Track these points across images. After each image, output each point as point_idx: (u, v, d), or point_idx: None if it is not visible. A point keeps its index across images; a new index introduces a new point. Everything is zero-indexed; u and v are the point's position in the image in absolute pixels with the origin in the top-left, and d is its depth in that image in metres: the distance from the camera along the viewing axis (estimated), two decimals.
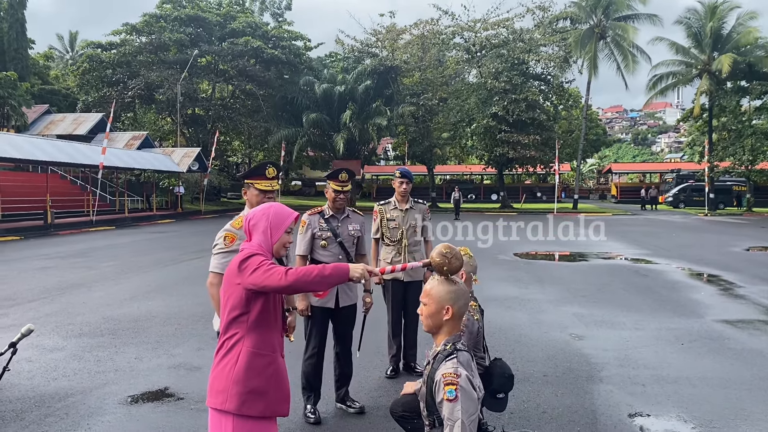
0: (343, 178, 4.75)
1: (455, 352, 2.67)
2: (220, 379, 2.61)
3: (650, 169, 65.67)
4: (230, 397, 2.57)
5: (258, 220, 2.73)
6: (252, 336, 2.62)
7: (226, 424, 2.59)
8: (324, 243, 4.72)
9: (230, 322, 2.65)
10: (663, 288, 10.47)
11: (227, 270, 2.72)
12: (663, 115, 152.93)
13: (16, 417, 4.63)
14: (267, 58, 41.15)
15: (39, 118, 37.74)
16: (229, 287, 2.66)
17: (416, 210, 5.84)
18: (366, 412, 4.75)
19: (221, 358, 2.65)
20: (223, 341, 2.67)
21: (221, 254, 3.68)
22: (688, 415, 4.71)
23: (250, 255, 2.62)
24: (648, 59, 41.79)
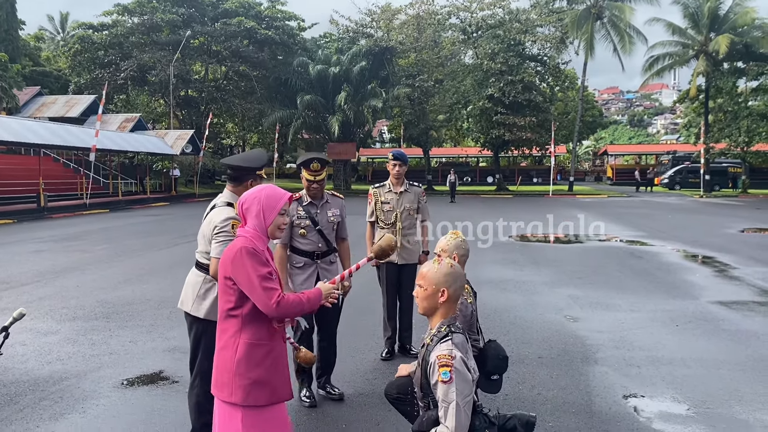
0: (314, 168, 4.60)
1: (450, 334, 2.65)
2: (222, 372, 2.61)
3: (646, 150, 65.65)
4: (234, 389, 2.58)
5: (250, 203, 2.69)
6: (248, 327, 2.61)
7: (235, 416, 2.60)
8: (303, 231, 4.64)
9: (225, 313, 2.64)
10: (658, 270, 10.49)
11: (222, 262, 2.66)
12: (659, 97, 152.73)
13: (10, 401, 4.61)
14: (260, 39, 40.74)
15: (30, 100, 37.37)
16: (221, 280, 2.65)
17: (411, 193, 5.78)
18: (345, 399, 4.71)
19: (220, 349, 2.65)
20: (219, 332, 2.68)
21: (228, 242, 3.50)
22: (682, 396, 4.72)
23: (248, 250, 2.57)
24: (644, 40, 41.56)
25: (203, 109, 42.32)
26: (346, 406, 4.55)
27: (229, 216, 3.53)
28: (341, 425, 4.23)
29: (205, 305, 3.62)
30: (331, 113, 39.28)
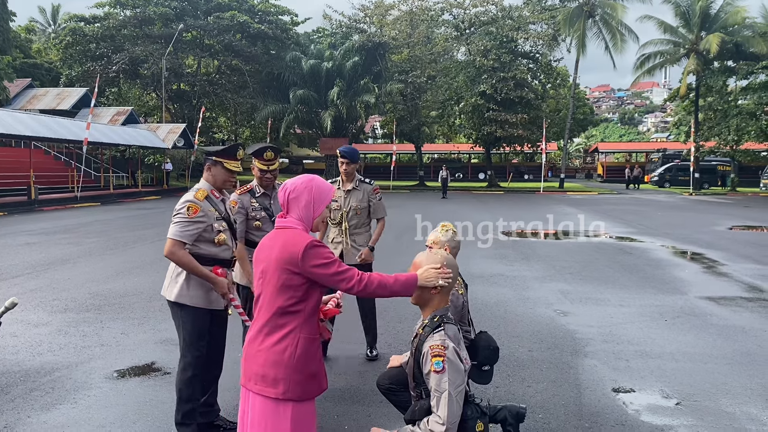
0: (268, 157, 4.51)
1: (443, 325, 2.68)
2: (278, 368, 2.53)
3: (636, 148, 65.97)
4: (292, 385, 2.53)
5: (299, 193, 2.64)
6: (308, 323, 2.60)
7: (285, 412, 2.55)
8: (258, 223, 4.56)
9: (284, 309, 2.56)
10: (648, 266, 10.58)
11: (278, 255, 2.58)
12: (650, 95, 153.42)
13: (1, 391, 4.61)
14: (253, 33, 40.60)
15: (21, 92, 37.09)
16: (277, 272, 2.55)
17: (360, 191, 5.48)
18: (338, 392, 4.76)
19: (273, 345, 2.56)
20: (272, 327, 2.58)
21: (183, 223, 3.64)
22: (670, 390, 4.78)
23: (315, 244, 2.55)
24: (636, 38, 41.68)
25: (195, 103, 42.15)
26: (338, 398, 4.58)
27: (187, 199, 3.69)
28: (333, 416, 4.26)
29: (175, 289, 3.74)
30: (324, 108, 39.25)
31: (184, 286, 3.73)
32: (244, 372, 2.68)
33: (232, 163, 3.82)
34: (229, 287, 3.79)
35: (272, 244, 2.64)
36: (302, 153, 63.31)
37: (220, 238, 3.80)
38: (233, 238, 3.98)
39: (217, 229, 3.79)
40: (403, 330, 6.34)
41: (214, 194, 3.87)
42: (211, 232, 3.77)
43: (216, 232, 3.79)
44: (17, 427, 4.00)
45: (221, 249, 3.84)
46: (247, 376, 2.65)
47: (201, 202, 3.71)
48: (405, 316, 6.83)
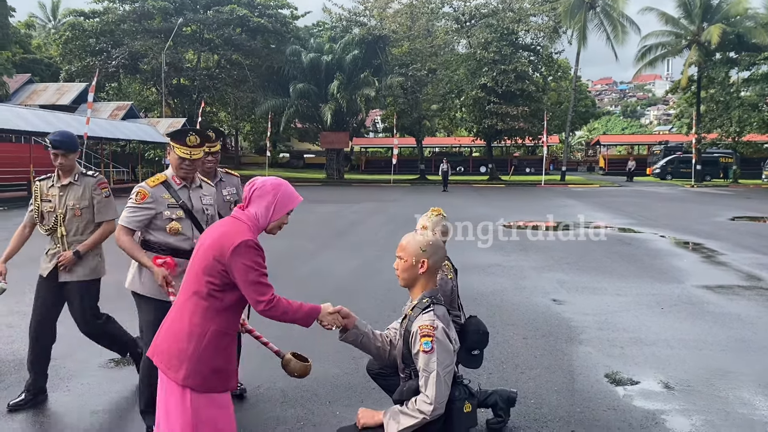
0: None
1: (432, 306, 2.68)
2: (181, 353, 2.47)
3: (638, 141, 65.76)
4: (193, 374, 2.47)
5: (265, 192, 2.59)
6: (222, 315, 2.52)
7: (185, 398, 2.49)
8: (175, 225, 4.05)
9: (199, 293, 2.50)
10: (646, 255, 10.56)
11: (212, 241, 2.54)
12: (652, 88, 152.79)
13: None
14: (253, 27, 40.51)
15: (21, 87, 37.07)
16: (205, 255, 2.51)
17: (81, 186, 4.28)
18: (332, 377, 4.76)
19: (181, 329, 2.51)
20: (182, 309, 2.54)
21: (129, 209, 3.62)
22: (664, 375, 4.78)
23: (251, 245, 2.48)
24: (637, 30, 41.53)
25: (196, 97, 42.11)
26: (332, 385, 4.58)
27: (139, 185, 3.68)
28: (326, 402, 4.26)
29: (129, 277, 3.80)
30: (324, 102, 39.17)
31: (137, 275, 3.70)
32: (154, 343, 2.62)
33: (180, 149, 3.58)
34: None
35: (217, 228, 2.62)
36: (303, 147, 63.31)
37: (172, 227, 3.62)
38: (196, 228, 3.69)
39: (168, 217, 3.60)
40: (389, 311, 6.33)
41: (175, 180, 3.70)
42: (162, 220, 3.60)
43: (167, 219, 3.60)
44: (11, 414, 4.01)
45: (177, 238, 3.64)
46: (153, 348, 2.60)
47: (151, 189, 3.62)
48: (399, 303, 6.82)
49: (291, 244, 11.51)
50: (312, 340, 5.23)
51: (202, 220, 3.75)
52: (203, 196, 3.81)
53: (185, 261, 3.38)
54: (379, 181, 40.30)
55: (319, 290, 7.64)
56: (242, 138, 61.50)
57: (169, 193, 3.64)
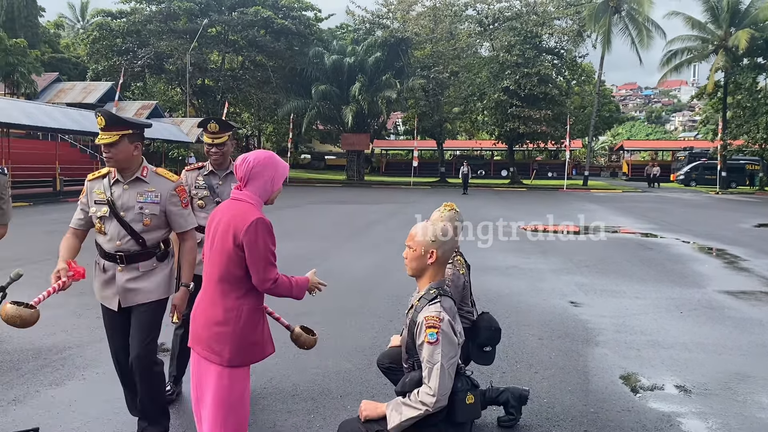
0: (212, 129, 4.10)
1: (439, 297, 2.66)
2: (223, 338, 2.65)
3: (662, 146, 64.92)
4: (236, 353, 2.66)
5: (264, 167, 2.70)
6: (253, 293, 2.69)
7: (221, 376, 2.67)
8: (201, 203, 4.20)
9: (226, 277, 2.65)
10: (667, 260, 10.41)
11: (225, 227, 2.65)
12: (678, 93, 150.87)
13: (13, 367, 4.70)
14: (277, 29, 40.77)
15: (49, 86, 37.69)
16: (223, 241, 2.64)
17: None
18: (343, 372, 4.76)
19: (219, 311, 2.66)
20: (215, 293, 2.69)
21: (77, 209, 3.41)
22: (681, 379, 4.70)
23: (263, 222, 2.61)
24: (663, 34, 41.07)
25: (219, 98, 42.45)
26: (343, 379, 4.58)
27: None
28: (337, 396, 4.26)
29: None
30: (346, 104, 39.27)
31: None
32: (192, 334, 2.79)
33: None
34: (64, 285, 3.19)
35: (224, 213, 2.72)
36: (324, 149, 63.51)
37: (96, 224, 3.34)
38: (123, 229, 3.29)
39: (93, 214, 3.34)
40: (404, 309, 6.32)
41: (113, 174, 3.36)
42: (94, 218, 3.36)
43: (94, 216, 3.35)
44: (26, 401, 4.07)
45: (103, 239, 3.34)
46: (194, 338, 2.78)
47: (88, 183, 3.40)
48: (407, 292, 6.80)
49: (309, 242, 11.55)
50: (325, 335, 5.25)
51: (135, 219, 3.28)
52: (144, 193, 3.31)
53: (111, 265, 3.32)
54: (399, 183, 40.30)
55: (334, 287, 7.63)
56: (265, 139, 61.88)
57: (104, 188, 3.33)
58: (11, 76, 33.30)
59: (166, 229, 3.41)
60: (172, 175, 3.46)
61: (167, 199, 3.33)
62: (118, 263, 3.31)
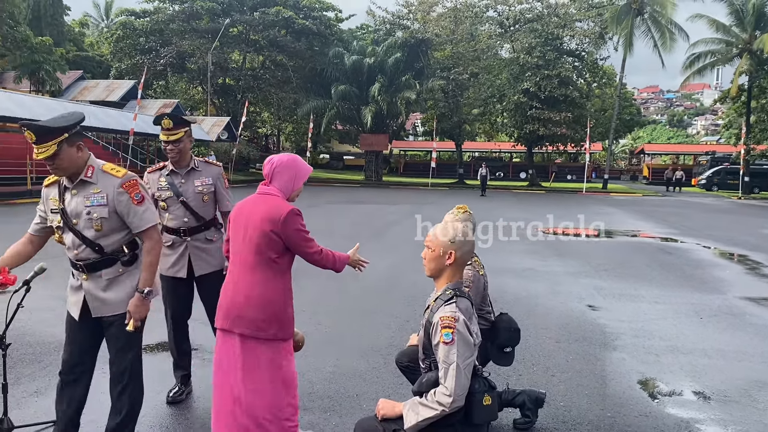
0: (165, 125, 3.93)
1: (455, 298, 2.67)
2: (271, 316, 2.95)
3: (684, 150, 64.20)
4: (282, 328, 2.99)
5: (286, 168, 3.04)
6: (287, 274, 3.03)
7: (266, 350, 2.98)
8: (163, 204, 4.05)
9: (263, 262, 2.94)
10: (687, 265, 10.30)
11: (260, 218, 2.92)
12: (700, 97, 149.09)
13: (35, 359, 4.78)
14: (298, 29, 40.99)
15: (73, 83, 38.23)
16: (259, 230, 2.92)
17: None
18: (359, 372, 4.78)
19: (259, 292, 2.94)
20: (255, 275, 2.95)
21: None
22: (700, 385, 4.66)
23: (296, 212, 2.96)
24: (686, 37, 40.56)
25: (240, 97, 42.76)
26: (359, 379, 4.59)
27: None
28: (353, 395, 4.28)
29: None
30: (365, 104, 39.33)
31: None
32: (227, 316, 2.99)
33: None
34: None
35: (255, 207, 3.00)
36: (343, 149, 63.65)
37: (56, 236, 3.17)
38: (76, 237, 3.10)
39: (51, 223, 3.15)
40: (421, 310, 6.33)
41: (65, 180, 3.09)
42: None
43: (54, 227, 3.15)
44: (47, 393, 4.13)
45: (65, 248, 3.17)
46: (234, 320, 2.97)
47: (45, 189, 3.17)
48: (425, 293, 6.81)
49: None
50: (342, 334, 5.28)
51: (86, 226, 3.07)
52: (90, 196, 3.06)
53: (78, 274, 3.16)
54: (417, 184, 40.28)
55: (350, 286, 7.68)
56: (284, 138, 62.19)
57: (58, 195, 3.11)
58: (37, 74, 33.80)
59: (125, 231, 3.13)
60: (119, 169, 3.13)
61: (114, 199, 3.04)
62: (82, 272, 3.14)
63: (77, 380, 3.25)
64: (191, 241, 4.10)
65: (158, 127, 4.06)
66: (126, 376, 3.20)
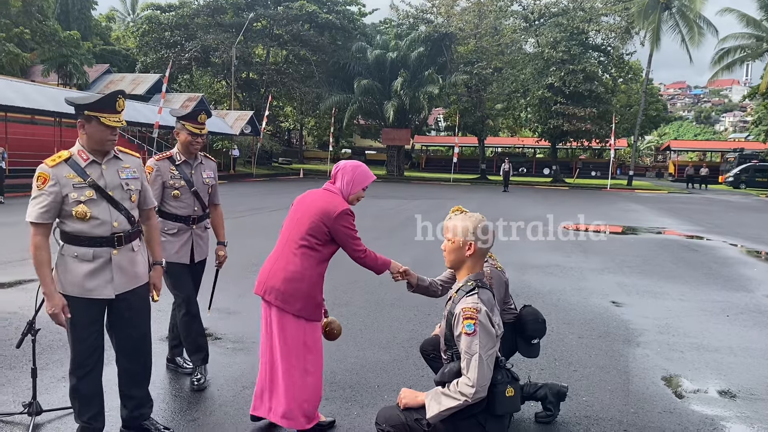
0: (202, 120, 4.17)
1: (477, 289, 2.66)
2: (298, 292, 3.28)
3: (711, 147, 63.12)
4: (306, 307, 3.31)
5: (346, 172, 3.42)
6: (323, 264, 3.37)
7: (299, 326, 3.33)
8: (176, 193, 4.13)
9: (307, 246, 3.29)
10: (713, 263, 10.15)
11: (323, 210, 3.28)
12: (729, 93, 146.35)
13: (62, 347, 4.86)
14: (321, 23, 41.08)
15: (99, 77, 38.77)
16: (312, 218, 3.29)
17: None
18: (381, 364, 4.79)
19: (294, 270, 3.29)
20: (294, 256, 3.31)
21: (35, 199, 3.01)
22: (726, 382, 4.59)
23: (348, 212, 3.30)
24: (715, 32, 39.81)
25: (263, 91, 43.00)
26: (380, 370, 4.61)
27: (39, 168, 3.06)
28: (374, 386, 4.29)
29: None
30: (387, 99, 39.29)
31: (55, 270, 3.09)
32: (264, 284, 3.37)
33: (110, 117, 3.06)
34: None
35: (317, 197, 3.40)
36: (364, 144, 63.71)
37: (78, 210, 3.01)
38: (115, 209, 3.13)
39: (75, 200, 3.02)
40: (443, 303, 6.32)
41: (82, 156, 3.09)
42: (69, 204, 3.02)
43: (74, 202, 3.02)
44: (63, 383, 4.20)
45: (91, 225, 3.05)
46: (266, 289, 3.35)
47: (51, 169, 3.01)
48: None
49: None
50: (363, 326, 5.29)
51: (123, 197, 3.17)
52: (122, 170, 3.21)
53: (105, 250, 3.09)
54: (439, 179, 40.17)
55: (373, 280, 7.69)
56: (306, 133, 62.42)
57: (75, 171, 3.06)
58: (64, 67, 34.31)
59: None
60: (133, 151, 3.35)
61: (141, 175, 3.31)
62: (115, 246, 3.12)
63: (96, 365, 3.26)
64: (195, 229, 4.28)
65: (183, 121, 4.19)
66: (147, 342, 3.38)
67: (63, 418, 3.62)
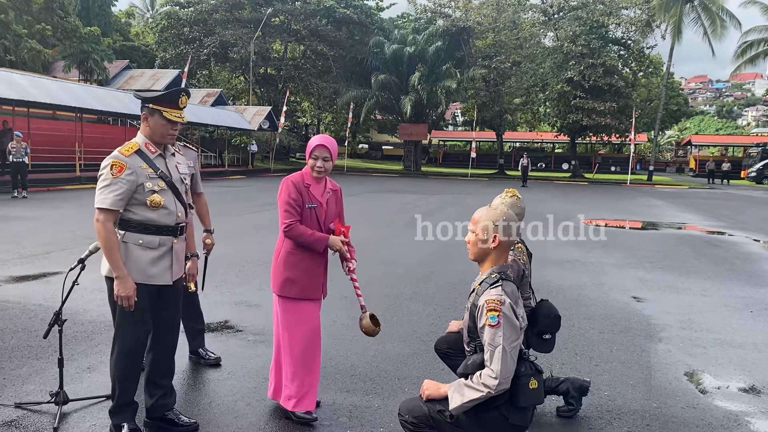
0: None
1: (501, 281, 2.65)
2: (275, 270, 3.57)
3: (733, 142, 62.19)
4: (274, 282, 3.57)
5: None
6: (288, 240, 3.51)
7: (274, 301, 3.62)
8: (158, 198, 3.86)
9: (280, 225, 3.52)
10: (736, 258, 10.03)
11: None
12: (752, 87, 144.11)
13: (87, 337, 4.93)
14: (338, 18, 41.07)
15: (119, 73, 39.04)
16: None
17: None
18: (401, 357, 4.80)
19: (275, 252, 3.61)
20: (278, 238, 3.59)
21: (108, 187, 3.10)
22: (750, 378, 4.54)
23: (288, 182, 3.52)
24: (738, 25, 39.26)
25: (281, 87, 43.12)
26: (401, 363, 4.62)
27: (111, 156, 3.15)
28: (395, 378, 4.30)
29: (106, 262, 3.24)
30: (405, 93, 39.21)
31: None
32: None
33: (172, 112, 3.22)
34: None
35: None
36: (381, 139, 63.67)
37: (153, 200, 3.18)
38: (178, 201, 3.32)
39: (150, 189, 3.17)
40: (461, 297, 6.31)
41: (149, 148, 3.24)
42: (143, 193, 3.16)
43: (149, 192, 3.17)
44: (99, 369, 4.27)
45: (159, 213, 3.21)
46: None
47: (127, 158, 3.14)
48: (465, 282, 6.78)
49: (368, 230, 11.65)
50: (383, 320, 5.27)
51: (181, 190, 3.36)
52: (179, 165, 3.42)
53: (169, 239, 3.23)
54: (457, 174, 40.05)
55: (392, 274, 7.71)
56: (323, 128, 62.53)
57: (146, 162, 3.20)
58: (85, 63, 34.62)
59: None
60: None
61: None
62: (177, 235, 3.31)
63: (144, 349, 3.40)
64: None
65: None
66: (177, 331, 3.57)
67: (89, 407, 3.67)
